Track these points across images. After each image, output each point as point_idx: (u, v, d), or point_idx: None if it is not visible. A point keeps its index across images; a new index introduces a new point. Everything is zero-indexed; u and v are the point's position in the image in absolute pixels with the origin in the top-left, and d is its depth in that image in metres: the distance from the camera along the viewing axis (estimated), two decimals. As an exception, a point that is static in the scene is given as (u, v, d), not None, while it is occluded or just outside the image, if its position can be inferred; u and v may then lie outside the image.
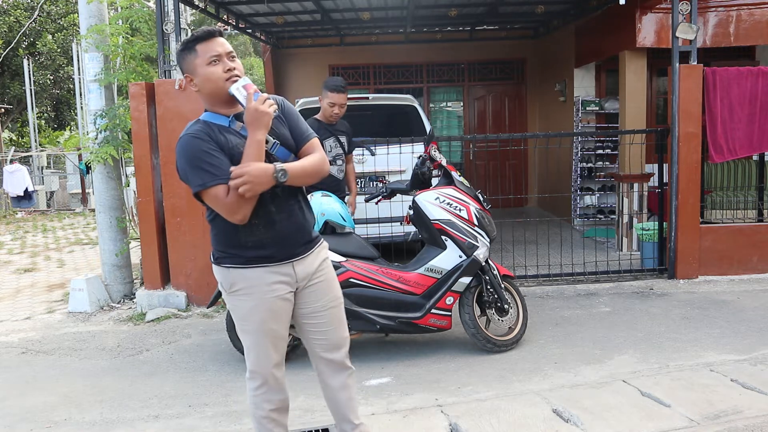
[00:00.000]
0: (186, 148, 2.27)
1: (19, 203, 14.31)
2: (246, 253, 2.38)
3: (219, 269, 2.47)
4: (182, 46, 2.33)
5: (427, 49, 10.89)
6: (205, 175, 2.23)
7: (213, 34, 2.30)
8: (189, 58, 2.30)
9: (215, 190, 2.24)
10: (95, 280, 5.93)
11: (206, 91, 2.32)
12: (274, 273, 2.41)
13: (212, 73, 2.27)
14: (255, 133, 2.24)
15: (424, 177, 4.36)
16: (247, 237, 2.36)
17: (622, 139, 7.16)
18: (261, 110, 2.22)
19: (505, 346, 4.29)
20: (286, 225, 2.41)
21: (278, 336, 2.50)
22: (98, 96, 5.98)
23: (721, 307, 5.13)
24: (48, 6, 20.01)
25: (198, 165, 2.24)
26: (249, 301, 2.42)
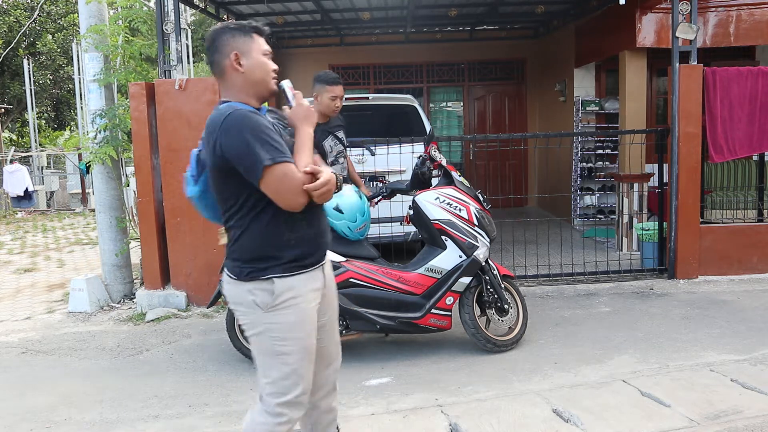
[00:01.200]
0: (247, 121, 2.11)
1: (19, 203, 14.30)
2: (286, 254, 2.19)
3: (256, 284, 2.19)
4: (236, 27, 2.26)
5: (427, 49, 10.89)
6: (274, 150, 2.08)
7: (265, 33, 2.33)
8: (244, 39, 2.24)
9: (284, 168, 2.08)
10: (95, 280, 5.93)
11: (252, 77, 2.24)
12: (313, 279, 2.27)
13: (266, 64, 2.26)
14: (308, 128, 2.24)
15: (424, 177, 4.36)
16: (290, 233, 2.20)
17: (622, 139, 7.16)
18: (311, 110, 2.27)
19: (505, 346, 4.29)
20: (321, 221, 2.32)
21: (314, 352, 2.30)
22: (98, 96, 5.98)
23: (721, 307, 5.13)
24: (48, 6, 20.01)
25: (265, 140, 2.09)
26: (293, 315, 2.21)
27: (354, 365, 4.16)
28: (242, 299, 2.22)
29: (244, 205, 2.18)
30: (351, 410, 3.49)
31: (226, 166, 2.12)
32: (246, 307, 2.23)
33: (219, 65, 2.24)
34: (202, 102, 5.40)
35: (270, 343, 2.22)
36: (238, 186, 2.15)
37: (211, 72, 2.30)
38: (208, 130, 2.16)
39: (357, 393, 3.73)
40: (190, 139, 5.41)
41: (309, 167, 2.14)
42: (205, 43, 2.29)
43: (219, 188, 2.22)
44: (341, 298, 3.99)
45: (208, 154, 2.17)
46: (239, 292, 2.23)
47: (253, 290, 2.20)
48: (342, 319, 4.06)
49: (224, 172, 2.14)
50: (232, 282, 2.25)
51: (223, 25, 2.29)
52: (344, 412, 3.46)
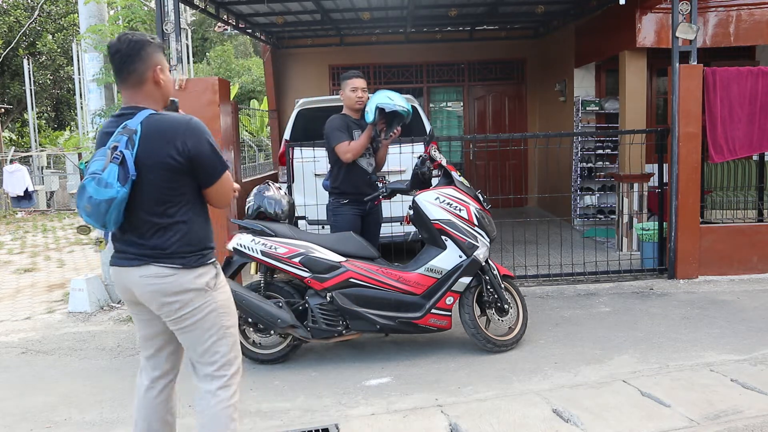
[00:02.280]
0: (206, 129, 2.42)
1: (19, 203, 14.29)
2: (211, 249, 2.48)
3: (203, 269, 2.40)
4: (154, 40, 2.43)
5: (427, 49, 10.89)
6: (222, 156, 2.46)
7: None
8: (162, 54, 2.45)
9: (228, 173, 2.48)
10: (95, 280, 5.93)
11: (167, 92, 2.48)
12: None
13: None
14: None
15: (424, 177, 4.36)
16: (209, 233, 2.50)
17: (622, 139, 7.16)
18: None
19: (505, 346, 4.29)
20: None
21: None
22: (98, 96, 5.98)
23: (721, 307, 5.13)
24: (48, 6, 20.01)
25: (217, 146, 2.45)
26: (227, 291, 2.51)
27: (354, 365, 4.17)
28: (191, 285, 2.37)
29: (187, 202, 2.37)
30: (351, 410, 3.49)
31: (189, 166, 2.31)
32: (195, 292, 2.38)
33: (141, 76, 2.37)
34: (202, 102, 5.40)
35: (218, 320, 2.43)
36: (187, 184, 2.35)
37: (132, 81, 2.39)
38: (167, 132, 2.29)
39: (357, 393, 3.72)
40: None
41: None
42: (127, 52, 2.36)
43: (167, 186, 2.32)
44: (341, 298, 4.01)
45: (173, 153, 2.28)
46: (188, 279, 2.36)
47: (202, 274, 2.39)
48: (342, 319, 4.07)
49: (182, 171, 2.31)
50: (176, 273, 2.35)
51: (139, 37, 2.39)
52: (344, 412, 3.46)
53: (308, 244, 4.06)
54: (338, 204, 4.63)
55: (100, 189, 2.21)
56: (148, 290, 2.36)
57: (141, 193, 2.28)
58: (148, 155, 2.25)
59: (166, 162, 2.27)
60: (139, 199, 2.29)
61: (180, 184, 2.33)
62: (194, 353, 2.47)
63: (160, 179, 2.29)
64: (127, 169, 2.22)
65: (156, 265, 2.34)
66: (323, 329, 4.05)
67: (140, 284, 2.36)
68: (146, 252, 2.34)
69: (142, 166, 2.25)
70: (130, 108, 2.35)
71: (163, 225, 2.34)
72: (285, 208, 4.20)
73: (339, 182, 4.61)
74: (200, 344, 2.44)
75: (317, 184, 5.42)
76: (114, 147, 2.24)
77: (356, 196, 4.59)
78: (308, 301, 4.05)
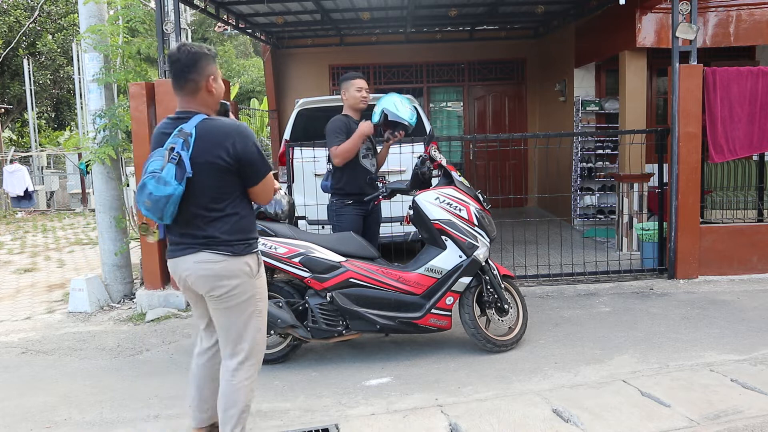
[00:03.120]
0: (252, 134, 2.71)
1: (19, 203, 14.30)
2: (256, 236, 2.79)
3: (249, 257, 2.69)
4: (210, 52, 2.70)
5: (427, 49, 10.89)
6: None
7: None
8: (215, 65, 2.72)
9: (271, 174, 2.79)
10: (95, 280, 5.93)
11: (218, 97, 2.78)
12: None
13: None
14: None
15: (424, 177, 4.36)
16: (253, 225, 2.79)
17: (622, 139, 7.16)
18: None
19: (505, 346, 4.29)
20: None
21: None
22: (98, 96, 5.98)
23: (721, 307, 5.13)
24: (48, 6, 20.00)
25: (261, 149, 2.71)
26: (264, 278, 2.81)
27: (354, 365, 4.17)
28: (239, 271, 2.66)
29: (235, 198, 2.65)
30: (351, 410, 3.49)
31: (235, 167, 2.58)
32: (241, 278, 2.66)
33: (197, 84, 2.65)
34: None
35: (255, 305, 2.74)
36: (235, 183, 2.63)
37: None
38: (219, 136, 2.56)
39: (357, 393, 3.73)
40: (190, 139, 5.41)
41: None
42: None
43: (216, 185, 2.59)
44: (341, 298, 4.01)
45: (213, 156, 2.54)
46: (237, 265, 2.65)
47: (248, 262, 2.68)
48: (342, 319, 4.07)
49: (229, 171, 2.58)
50: (226, 259, 2.63)
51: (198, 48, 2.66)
52: (344, 412, 3.46)
53: (308, 244, 4.06)
54: (341, 205, 4.62)
55: (159, 186, 2.49)
56: (201, 274, 2.63)
57: (194, 189, 2.55)
58: (202, 156, 2.53)
59: (217, 162, 2.54)
60: (192, 195, 2.55)
61: (229, 182, 2.60)
62: (227, 333, 2.75)
63: (211, 177, 2.56)
64: (183, 169, 2.49)
65: (208, 252, 2.62)
66: (323, 329, 4.05)
67: (193, 269, 2.64)
68: (199, 241, 2.62)
69: (196, 165, 2.51)
70: (185, 112, 2.66)
71: (214, 217, 2.61)
72: (285, 208, 4.20)
73: (342, 183, 4.61)
74: (234, 325, 2.72)
75: (317, 184, 5.42)
76: (171, 148, 2.52)
77: (359, 197, 4.59)
78: (308, 301, 4.05)
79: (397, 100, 4.54)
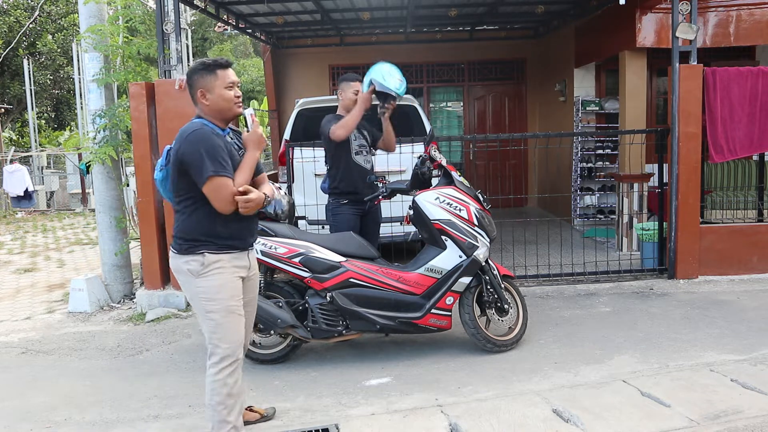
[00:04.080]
0: (206, 138, 2.78)
1: (19, 203, 14.29)
2: (215, 240, 2.86)
3: (191, 257, 2.84)
4: (202, 66, 2.88)
5: (427, 49, 10.89)
6: (219, 166, 2.75)
7: (230, 65, 2.92)
8: (209, 78, 2.86)
9: (223, 181, 2.75)
10: (95, 280, 5.93)
11: (216, 107, 2.87)
12: (238, 258, 2.94)
13: (228, 95, 2.88)
14: (255, 152, 2.89)
15: (424, 177, 4.35)
16: (222, 228, 2.86)
17: (622, 139, 7.16)
18: (263, 138, 2.92)
19: (505, 346, 4.29)
20: (250, 222, 3.01)
21: (240, 314, 2.94)
22: (98, 96, 5.98)
23: (721, 307, 5.13)
24: (48, 6, 19.99)
25: (215, 155, 2.75)
26: (217, 280, 2.84)
27: (354, 365, 4.17)
28: (179, 269, 2.90)
29: (190, 198, 2.85)
30: (351, 410, 3.49)
31: (183, 167, 2.79)
32: (182, 275, 2.90)
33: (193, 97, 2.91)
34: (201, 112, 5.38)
35: (202, 306, 2.88)
36: (189, 183, 2.81)
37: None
38: (177, 136, 2.84)
39: (357, 393, 3.73)
40: (190, 139, 5.41)
41: (242, 187, 2.79)
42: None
43: (175, 181, 2.87)
44: (341, 298, 4.01)
45: (172, 154, 2.85)
46: (178, 263, 2.90)
47: (189, 261, 2.86)
48: (342, 319, 4.06)
49: (180, 171, 2.81)
50: (173, 256, 2.92)
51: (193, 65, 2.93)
52: (344, 412, 3.46)
53: (308, 244, 4.06)
54: (338, 204, 4.63)
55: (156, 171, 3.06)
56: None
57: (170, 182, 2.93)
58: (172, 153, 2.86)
59: (173, 160, 2.84)
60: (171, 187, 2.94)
61: (183, 181, 2.83)
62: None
63: (174, 173, 2.87)
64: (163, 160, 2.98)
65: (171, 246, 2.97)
66: (323, 329, 4.05)
67: None
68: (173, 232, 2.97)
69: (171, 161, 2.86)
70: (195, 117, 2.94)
71: (175, 211, 2.95)
72: (285, 208, 4.19)
73: (338, 182, 4.61)
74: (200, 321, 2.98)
75: (317, 184, 5.42)
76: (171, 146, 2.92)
77: (355, 197, 4.59)
78: (308, 301, 4.05)
79: (386, 69, 4.47)
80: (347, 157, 4.57)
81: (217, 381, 2.87)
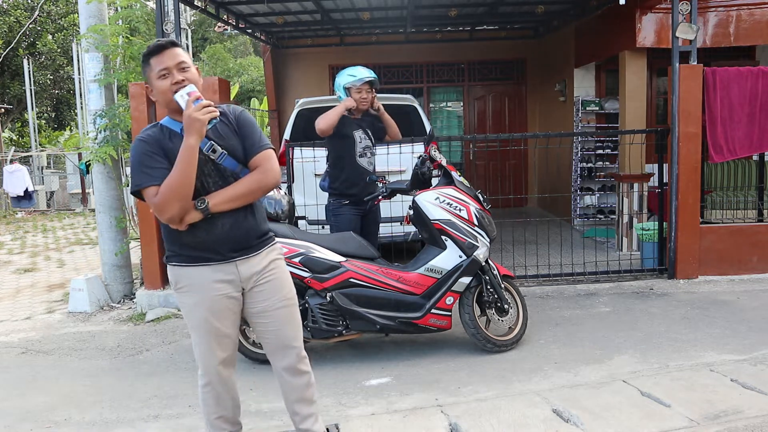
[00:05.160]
0: (133, 151, 2.44)
1: (19, 203, 14.30)
2: (185, 251, 2.50)
3: (168, 268, 2.58)
4: (141, 59, 2.48)
5: (427, 49, 10.89)
6: (142, 176, 2.37)
7: (164, 47, 2.41)
8: (146, 70, 2.45)
9: (148, 191, 2.37)
10: (95, 280, 5.93)
11: (159, 102, 2.49)
12: (217, 272, 2.50)
13: (161, 85, 2.42)
14: (188, 138, 2.33)
15: (424, 177, 4.36)
16: (188, 237, 2.47)
17: (622, 139, 7.16)
18: (194, 116, 2.31)
19: (505, 346, 4.29)
20: (229, 229, 2.49)
21: (222, 334, 2.56)
22: (98, 96, 5.98)
23: (721, 307, 5.13)
24: (48, 6, 19.99)
25: (138, 167, 2.38)
26: (191, 298, 2.53)
27: (354, 365, 4.17)
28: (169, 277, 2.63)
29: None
30: (351, 410, 3.49)
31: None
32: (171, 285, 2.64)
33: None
34: (202, 102, 5.38)
35: (184, 317, 2.63)
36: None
37: None
38: None
39: (357, 393, 3.73)
40: (190, 139, 5.41)
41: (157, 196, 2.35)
42: None
43: None
44: (341, 298, 4.01)
45: None
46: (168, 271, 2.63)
47: (168, 271, 2.61)
48: (342, 319, 4.06)
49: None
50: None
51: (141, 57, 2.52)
52: (344, 412, 3.46)
53: (308, 244, 4.06)
54: (338, 205, 4.63)
55: None
56: None
57: None
58: None
59: None
60: None
61: None
62: None
63: None
64: None
65: None
66: (323, 329, 4.05)
67: None
68: None
69: None
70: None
71: None
72: (285, 208, 4.19)
73: (339, 183, 4.61)
74: None
75: (317, 184, 5.42)
76: None
77: (356, 197, 4.59)
78: (308, 301, 4.05)
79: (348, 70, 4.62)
80: (351, 158, 4.57)
81: (199, 394, 2.71)
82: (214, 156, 2.43)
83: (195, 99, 2.33)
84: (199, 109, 2.31)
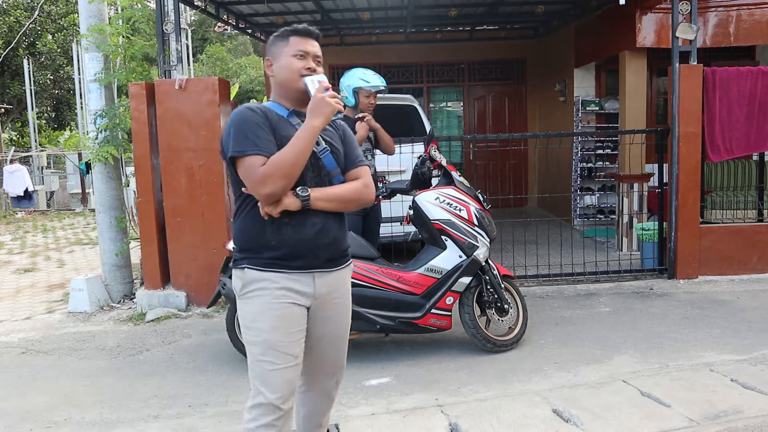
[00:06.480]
0: (239, 116, 2.25)
1: (19, 203, 14.30)
2: (265, 252, 2.25)
3: (236, 272, 2.33)
4: (279, 33, 2.39)
5: (427, 49, 10.89)
6: (247, 143, 2.18)
7: (311, 34, 2.39)
8: (279, 44, 2.36)
9: (251, 160, 2.17)
10: (95, 280, 5.93)
11: (279, 78, 2.35)
12: (293, 280, 2.26)
13: (295, 64, 2.32)
14: (312, 120, 2.22)
15: (424, 177, 4.36)
16: (273, 234, 2.24)
17: (622, 139, 7.16)
18: (326, 101, 2.23)
19: (505, 346, 4.29)
20: (318, 231, 2.28)
21: (291, 353, 2.26)
22: (98, 96, 5.98)
23: (721, 307, 5.13)
24: (48, 6, 20.00)
25: (244, 133, 2.20)
26: (257, 305, 2.25)
27: (354, 365, 4.16)
28: (234, 286, 2.36)
29: (239, 199, 2.31)
30: (351, 410, 3.49)
31: (225, 158, 2.26)
32: (234, 292, 2.37)
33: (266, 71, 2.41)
34: (202, 102, 5.40)
35: (243, 330, 2.32)
36: (236, 180, 2.28)
37: None
38: None
39: (357, 393, 3.73)
40: (190, 139, 5.42)
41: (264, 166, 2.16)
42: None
43: (231, 179, 2.35)
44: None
45: None
46: (233, 279, 2.37)
47: (235, 277, 2.34)
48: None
49: (228, 165, 2.27)
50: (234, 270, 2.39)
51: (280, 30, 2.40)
52: (344, 412, 3.46)
53: (308, 244, 4.05)
54: None
55: None
56: None
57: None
58: None
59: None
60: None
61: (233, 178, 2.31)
62: None
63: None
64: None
65: None
66: (323, 329, 4.04)
67: None
68: None
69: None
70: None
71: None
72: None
73: None
74: None
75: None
76: None
77: None
78: (308, 301, 4.05)
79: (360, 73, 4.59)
80: None
81: (247, 430, 2.27)
82: (317, 149, 2.30)
83: (325, 88, 2.28)
84: (331, 96, 2.26)
